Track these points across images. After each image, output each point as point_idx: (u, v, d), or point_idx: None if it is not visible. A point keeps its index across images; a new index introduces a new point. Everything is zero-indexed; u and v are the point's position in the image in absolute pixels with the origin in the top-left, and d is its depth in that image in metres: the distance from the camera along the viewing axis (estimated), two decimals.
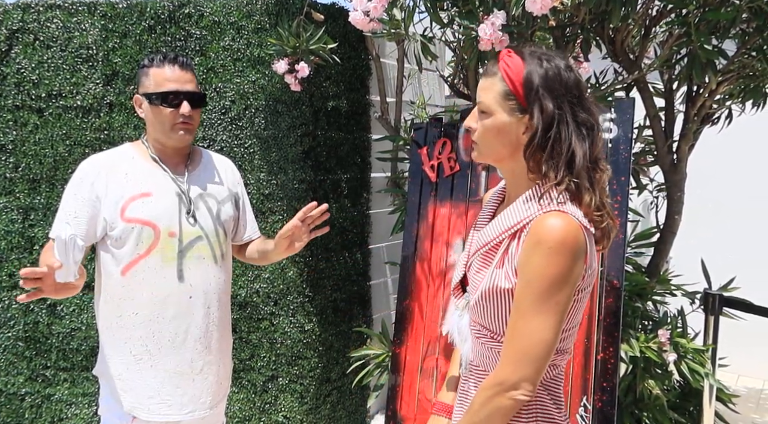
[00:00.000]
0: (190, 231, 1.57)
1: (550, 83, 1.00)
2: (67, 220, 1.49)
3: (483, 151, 1.10)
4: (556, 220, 0.97)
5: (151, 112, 1.54)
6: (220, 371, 1.66)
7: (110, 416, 1.59)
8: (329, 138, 2.74)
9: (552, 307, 0.97)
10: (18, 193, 2.39)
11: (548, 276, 0.96)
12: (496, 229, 1.08)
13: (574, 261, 0.96)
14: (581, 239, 0.97)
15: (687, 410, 2.42)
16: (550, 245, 0.95)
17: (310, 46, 2.28)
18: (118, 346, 1.55)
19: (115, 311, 1.54)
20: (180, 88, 1.52)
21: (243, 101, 2.50)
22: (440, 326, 2.39)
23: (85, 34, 2.37)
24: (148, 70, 1.54)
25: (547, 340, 0.97)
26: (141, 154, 1.59)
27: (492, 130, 1.06)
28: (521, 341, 0.99)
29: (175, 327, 1.54)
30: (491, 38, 1.98)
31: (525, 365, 0.98)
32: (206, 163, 1.70)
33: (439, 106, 3.71)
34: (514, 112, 1.03)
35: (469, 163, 2.40)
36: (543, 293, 0.96)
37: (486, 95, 1.06)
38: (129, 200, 1.51)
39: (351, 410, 2.95)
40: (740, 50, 2.29)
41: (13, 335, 2.39)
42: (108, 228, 1.50)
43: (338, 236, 2.81)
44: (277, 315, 2.60)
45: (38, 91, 2.37)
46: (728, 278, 2.53)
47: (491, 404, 1.02)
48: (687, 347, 2.27)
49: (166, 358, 1.55)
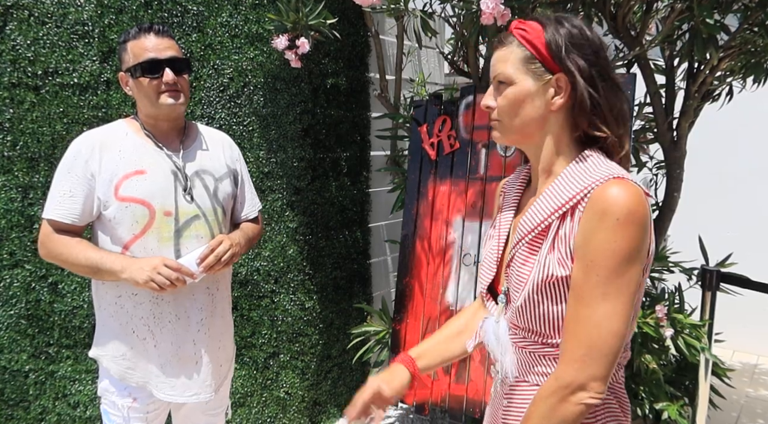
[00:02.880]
0: (187, 210, 1.52)
1: (577, 41, 0.95)
2: (61, 199, 1.45)
3: (507, 126, 1.00)
4: (620, 188, 0.86)
5: (136, 87, 1.49)
6: (220, 354, 1.63)
7: (110, 398, 1.57)
8: (328, 116, 2.72)
9: (621, 289, 0.85)
10: (16, 172, 2.38)
11: (618, 252, 0.84)
12: (542, 211, 0.95)
13: (644, 233, 0.85)
14: (647, 207, 0.87)
15: (683, 384, 2.45)
16: (618, 215, 0.84)
17: (310, 21, 2.25)
18: (120, 326, 1.52)
19: (113, 292, 1.51)
20: (159, 56, 1.47)
21: (241, 78, 2.48)
22: (439, 303, 2.42)
23: (80, 9, 2.33)
24: (126, 45, 1.49)
25: (618, 329, 0.85)
26: (135, 130, 1.54)
27: (517, 100, 0.97)
28: (587, 333, 0.85)
29: (175, 309, 1.51)
30: (493, 12, 1.96)
31: (594, 361, 0.85)
32: (203, 138, 1.64)
33: (438, 84, 3.69)
34: (541, 75, 0.96)
35: (469, 141, 2.40)
36: (611, 273, 0.84)
37: (503, 65, 0.98)
38: (123, 178, 1.46)
39: (352, 386, 2.99)
40: (742, 26, 2.27)
41: (15, 313, 2.40)
42: (102, 207, 1.46)
43: (338, 214, 2.81)
44: (278, 293, 2.62)
45: (34, 69, 2.34)
46: (725, 254, 2.55)
47: (557, 414, 0.87)
48: (684, 322, 2.29)
49: (168, 339, 1.52)
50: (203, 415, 1.70)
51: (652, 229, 0.89)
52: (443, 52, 3.11)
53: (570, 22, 0.96)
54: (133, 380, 1.54)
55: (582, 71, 0.93)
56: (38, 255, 2.37)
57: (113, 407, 1.56)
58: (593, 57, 0.95)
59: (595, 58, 0.95)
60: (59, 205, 1.45)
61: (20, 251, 2.39)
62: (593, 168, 0.92)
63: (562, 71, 0.94)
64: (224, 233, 1.62)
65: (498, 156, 2.34)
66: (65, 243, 1.45)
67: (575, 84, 0.93)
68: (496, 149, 2.34)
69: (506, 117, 0.99)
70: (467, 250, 2.38)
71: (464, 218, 2.39)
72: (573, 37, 0.95)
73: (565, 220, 0.92)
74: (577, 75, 0.93)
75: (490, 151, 2.36)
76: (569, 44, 0.94)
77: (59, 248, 1.45)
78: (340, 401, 2.93)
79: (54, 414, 2.43)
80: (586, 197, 0.89)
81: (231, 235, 1.59)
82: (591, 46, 0.95)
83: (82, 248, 1.44)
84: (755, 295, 2.21)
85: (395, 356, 2.49)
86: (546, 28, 0.96)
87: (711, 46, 2.11)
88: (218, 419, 1.74)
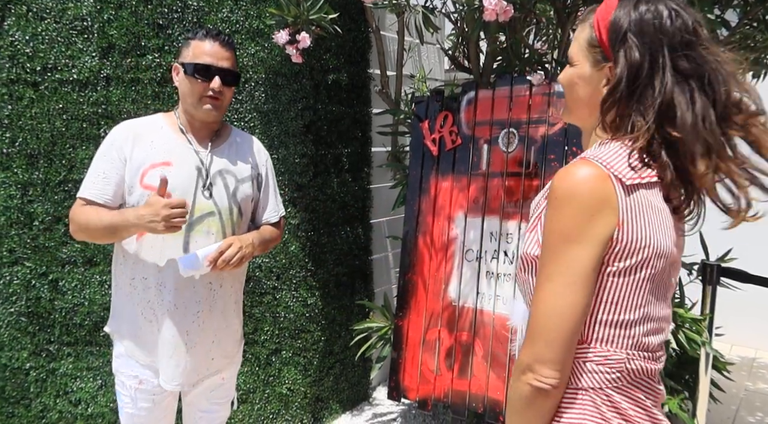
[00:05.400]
0: (203, 205, 1.57)
1: (644, 27, 0.85)
2: (95, 179, 1.54)
3: (568, 106, 0.98)
4: (572, 168, 0.83)
5: (184, 82, 1.57)
6: (213, 348, 1.65)
7: (120, 378, 1.63)
8: (330, 112, 2.71)
9: (561, 270, 0.81)
10: (16, 169, 2.37)
11: (554, 231, 0.82)
12: (543, 194, 0.94)
13: (588, 216, 0.80)
14: (605, 190, 0.81)
15: (683, 378, 2.47)
16: (557, 194, 0.82)
17: (311, 15, 2.25)
18: (132, 306, 1.59)
19: (129, 273, 1.58)
20: (215, 64, 1.55)
21: (242, 74, 2.47)
22: (442, 299, 2.42)
23: (79, 5, 2.31)
24: (190, 42, 1.58)
25: (559, 311, 0.81)
26: (170, 124, 1.62)
27: (572, 82, 0.95)
28: (534, 314, 0.84)
29: (174, 298, 1.56)
30: (495, 8, 1.96)
31: (537, 342, 0.82)
32: (233, 140, 1.70)
33: (439, 79, 3.69)
34: (598, 62, 0.90)
35: (471, 137, 2.40)
36: (550, 252, 0.83)
37: (574, 44, 0.95)
38: (149, 167, 1.53)
39: (354, 382, 2.99)
40: (742, 21, 2.28)
41: (16, 310, 2.39)
42: (127, 192, 1.54)
43: (339, 210, 2.81)
44: (280, 289, 2.61)
45: (33, 65, 2.33)
46: (725, 249, 2.57)
47: (514, 393, 0.87)
48: (685, 316, 2.31)
49: (166, 326, 1.57)
50: (208, 403, 1.74)
51: (631, 219, 0.82)
52: (444, 47, 3.11)
53: (651, 3, 0.86)
54: (141, 358, 1.59)
55: (630, 63, 0.84)
56: (38, 252, 2.36)
57: (123, 387, 1.63)
58: (659, 47, 0.84)
59: (662, 49, 0.84)
60: (93, 185, 1.54)
61: (20, 248, 2.38)
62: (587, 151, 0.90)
63: (612, 61, 0.88)
64: (238, 233, 1.65)
65: (500, 152, 2.34)
66: (86, 213, 1.52)
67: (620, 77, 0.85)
68: (498, 145, 2.35)
69: (569, 96, 0.97)
70: (469, 246, 2.38)
71: (466, 214, 2.39)
72: (643, 22, 0.86)
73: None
74: (621, 68, 0.85)
75: (492, 147, 2.36)
76: (633, 30, 0.85)
77: (81, 218, 1.52)
78: (343, 398, 2.93)
79: (55, 411, 2.42)
80: None
81: (243, 236, 1.61)
82: (666, 35, 0.84)
83: (99, 212, 1.51)
84: (754, 289, 2.22)
85: (397, 352, 2.50)
86: (618, 9, 0.88)
87: None
88: (223, 408, 1.78)
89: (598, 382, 0.85)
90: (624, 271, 0.83)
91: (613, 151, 0.86)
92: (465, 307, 2.36)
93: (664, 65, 0.83)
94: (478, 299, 2.34)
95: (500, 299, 2.29)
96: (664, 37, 0.84)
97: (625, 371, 0.85)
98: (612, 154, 0.85)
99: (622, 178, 0.82)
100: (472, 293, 2.35)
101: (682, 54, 0.84)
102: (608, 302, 0.84)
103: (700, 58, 0.84)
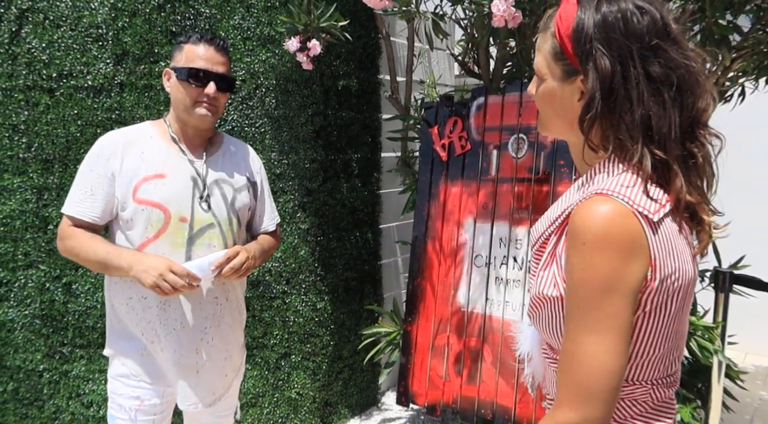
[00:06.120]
0: (203, 217, 1.51)
1: (609, 32, 0.76)
2: (82, 196, 1.46)
3: (542, 122, 0.92)
4: (596, 205, 0.74)
5: (177, 87, 1.51)
6: (226, 364, 1.61)
7: (118, 401, 1.55)
8: (340, 117, 2.73)
9: (604, 323, 0.73)
10: (31, 173, 2.41)
11: (589, 281, 0.74)
12: (544, 222, 0.88)
13: (625, 261, 0.73)
14: (634, 230, 0.73)
15: (695, 387, 2.44)
16: (585, 239, 0.74)
17: (321, 23, 2.27)
18: (131, 326, 1.52)
19: (126, 293, 1.50)
20: (210, 68, 1.50)
21: (253, 81, 2.50)
22: (451, 304, 2.42)
23: (94, 13, 2.36)
24: (183, 46, 1.51)
25: (606, 366, 0.73)
26: (160, 133, 1.54)
27: (545, 99, 0.87)
28: (576, 371, 0.75)
29: (180, 316, 1.49)
30: (504, 14, 1.96)
31: (583, 401, 0.75)
32: (226, 148, 1.64)
33: (449, 85, 3.69)
34: (566, 75, 0.82)
35: (481, 142, 2.40)
36: (588, 304, 0.74)
37: (538, 56, 0.86)
38: (142, 181, 1.46)
39: (363, 387, 2.99)
40: (755, 26, 2.26)
41: (30, 312, 2.43)
42: (120, 208, 1.46)
43: (349, 215, 2.82)
44: (290, 294, 2.63)
45: (49, 71, 2.37)
46: (738, 256, 2.54)
47: None
48: (697, 324, 2.28)
49: (172, 346, 1.50)
50: (210, 417, 1.69)
51: (661, 257, 0.75)
52: (454, 53, 3.12)
53: (614, 3, 0.78)
54: (146, 379, 1.53)
55: (602, 74, 0.76)
56: (53, 256, 2.40)
57: (120, 410, 1.53)
58: (629, 52, 0.76)
59: (631, 54, 0.76)
60: (80, 202, 1.46)
61: (35, 252, 2.42)
62: (596, 181, 0.81)
63: (582, 73, 0.79)
64: (238, 243, 1.60)
65: (509, 158, 2.34)
66: (79, 238, 1.45)
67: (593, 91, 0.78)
68: (507, 151, 2.35)
69: (541, 111, 0.90)
70: (478, 251, 2.38)
71: (475, 219, 2.39)
72: (607, 26, 0.77)
73: (561, 237, 0.82)
74: (591, 81, 0.77)
75: (501, 153, 2.36)
76: (598, 38, 0.77)
77: (73, 242, 1.46)
78: (351, 402, 2.93)
79: (68, 413, 2.46)
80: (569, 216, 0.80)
81: (247, 246, 1.58)
82: (634, 38, 0.76)
83: (94, 243, 1.44)
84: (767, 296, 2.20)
85: (406, 357, 2.50)
86: (578, 13, 0.79)
87: (723, 47, 2.10)
88: (226, 421, 1.73)
89: (624, 416, 0.83)
90: (655, 309, 0.78)
91: (627, 180, 0.77)
92: (474, 312, 2.36)
93: (637, 75, 0.76)
94: (487, 305, 2.33)
95: (509, 305, 2.28)
96: (632, 40, 0.77)
97: (650, 400, 0.83)
98: (628, 186, 0.77)
99: (648, 214, 0.75)
100: (480, 298, 2.35)
101: (653, 59, 0.77)
102: (642, 341, 0.79)
103: (671, 61, 0.77)
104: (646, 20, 0.77)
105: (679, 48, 0.78)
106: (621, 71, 0.76)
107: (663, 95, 0.77)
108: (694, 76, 0.78)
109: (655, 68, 0.77)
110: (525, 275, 2.25)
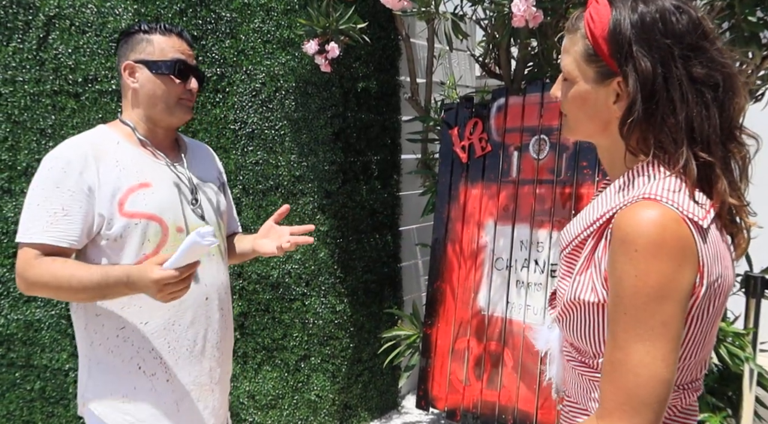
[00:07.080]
0: (197, 225, 1.35)
1: (648, 33, 0.75)
2: (52, 219, 1.20)
3: (571, 125, 0.89)
4: (644, 212, 0.72)
5: (155, 83, 1.32)
6: (227, 379, 1.51)
7: None
8: (359, 119, 2.73)
9: (656, 330, 0.71)
10: None
11: (642, 289, 0.71)
12: (579, 225, 0.85)
13: (678, 267, 0.71)
14: (685, 237, 0.72)
15: (726, 395, 2.36)
16: (637, 246, 0.71)
17: (340, 26, 2.27)
18: (122, 363, 1.30)
19: (115, 324, 1.29)
20: (190, 62, 1.37)
21: (273, 83, 2.51)
22: (471, 307, 2.39)
23: (118, 18, 2.40)
24: (150, 37, 1.32)
25: (660, 375, 0.71)
26: (126, 136, 1.34)
27: (576, 102, 0.85)
28: (624, 380, 0.73)
29: (194, 334, 1.35)
30: (524, 14, 1.94)
31: (635, 411, 0.72)
32: (194, 149, 1.50)
33: (469, 86, 3.66)
34: (601, 77, 0.80)
35: (501, 144, 2.37)
36: (639, 312, 0.72)
37: (566, 58, 0.85)
38: (127, 192, 1.27)
39: (382, 390, 2.98)
40: None
41: (56, 313, 2.48)
42: (105, 226, 1.25)
43: (369, 217, 2.82)
44: (309, 296, 2.63)
45: (75, 76, 2.42)
46: None
47: None
48: (727, 330, 2.21)
49: (184, 370, 1.34)
50: None
51: (708, 262, 0.74)
52: (474, 54, 3.09)
53: (650, 3, 0.76)
54: (148, 421, 1.32)
55: (644, 76, 0.75)
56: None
57: None
58: (669, 53, 0.75)
59: (672, 55, 0.75)
60: (51, 226, 1.21)
61: None
62: (636, 184, 0.78)
63: (620, 74, 0.78)
64: (226, 248, 1.53)
65: (531, 159, 2.30)
66: (51, 268, 1.20)
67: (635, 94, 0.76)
68: (528, 152, 2.31)
69: (570, 114, 0.88)
70: (499, 254, 2.34)
71: (496, 221, 2.36)
72: (646, 26, 0.75)
73: (600, 240, 0.80)
74: (632, 84, 0.76)
75: (522, 154, 2.32)
76: (637, 37, 0.75)
77: (45, 275, 1.19)
78: (371, 405, 2.92)
79: None
80: (612, 219, 0.78)
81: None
82: (675, 38, 0.75)
83: (74, 268, 1.20)
84: None
85: (425, 360, 2.48)
86: (614, 14, 0.77)
87: (753, 45, 2.04)
88: None
89: None
90: (699, 315, 0.76)
91: (673, 185, 0.76)
92: (494, 316, 2.33)
93: (679, 76, 0.75)
94: (508, 309, 2.30)
95: (530, 309, 2.24)
96: (673, 40, 0.75)
97: (678, 404, 0.82)
98: (675, 191, 0.75)
99: (698, 220, 0.74)
100: (501, 302, 2.31)
101: (695, 59, 0.76)
102: (684, 347, 0.78)
103: (712, 61, 0.76)
104: (684, 20, 0.76)
105: (716, 47, 0.77)
106: (662, 73, 0.75)
107: (705, 96, 0.76)
108: (734, 75, 0.77)
109: (697, 69, 0.76)
110: (547, 278, 2.21)
